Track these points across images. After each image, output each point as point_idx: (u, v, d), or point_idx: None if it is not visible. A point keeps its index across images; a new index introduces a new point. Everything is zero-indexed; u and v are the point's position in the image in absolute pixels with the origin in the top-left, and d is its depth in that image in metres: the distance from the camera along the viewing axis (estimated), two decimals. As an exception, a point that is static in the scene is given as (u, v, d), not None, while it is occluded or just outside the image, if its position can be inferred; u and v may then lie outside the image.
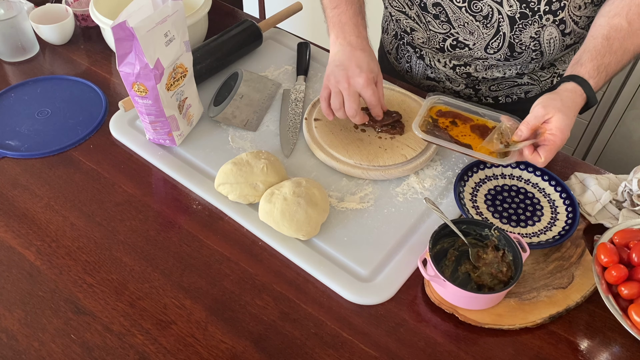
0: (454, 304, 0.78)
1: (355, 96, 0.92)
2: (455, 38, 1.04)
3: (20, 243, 0.86)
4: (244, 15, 1.39)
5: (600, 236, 0.82)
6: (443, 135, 0.92)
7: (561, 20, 0.98)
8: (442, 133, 0.93)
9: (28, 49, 1.22)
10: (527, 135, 0.84)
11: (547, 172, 0.94)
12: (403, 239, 0.87)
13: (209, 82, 1.13)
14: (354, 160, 0.96)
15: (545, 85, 1.15)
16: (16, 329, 0.76)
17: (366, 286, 0.81)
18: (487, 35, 1.01)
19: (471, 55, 1.06)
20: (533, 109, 0.84)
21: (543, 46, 1.02)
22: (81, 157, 1.00)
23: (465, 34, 1.02)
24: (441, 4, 1.00)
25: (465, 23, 1.00)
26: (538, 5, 0.94)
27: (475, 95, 1.17)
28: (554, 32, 1.00)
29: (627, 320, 0.73)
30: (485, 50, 1.03)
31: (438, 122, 0.94)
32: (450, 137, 0.92)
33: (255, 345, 0.75)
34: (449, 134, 0.93)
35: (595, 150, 2.07)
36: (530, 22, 0.97)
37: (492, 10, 0.96)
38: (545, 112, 0.82)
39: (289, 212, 0.84)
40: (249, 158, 0.92)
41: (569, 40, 1.03)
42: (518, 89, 1.15)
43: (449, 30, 1.03)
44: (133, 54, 0.85)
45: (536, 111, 0.83)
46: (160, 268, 0.83)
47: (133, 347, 0.75)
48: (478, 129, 0.93)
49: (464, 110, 0.96)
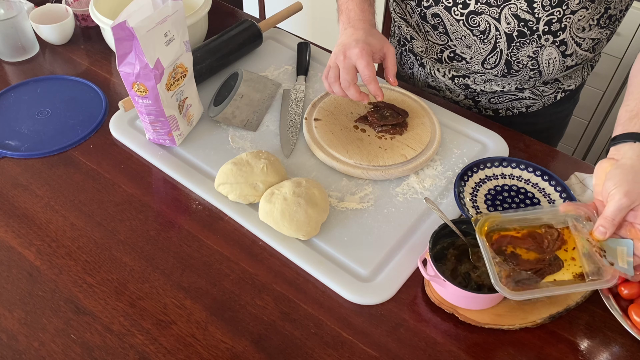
0: (454, 304, 0.78)
1: (350, 69, 0.90)
2: (453, 50, 1.03)
3: (20, 243, 0.86)
4: (244, 15, 1.39)
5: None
6: (531, 278, 0.72)
7: (562, 42, 0.96)
8: (518, 269, 0.73)
9: (28, 49, 1.22)
10: (612, 233, 0.70)
11: (547, 172, 0.94)
12: (403, 239, 0.87)
13: (209, 82, 1.13)
14: (354, 160, 0.96)
15: (548, 100, 1.12)
16: (16, 329, 0.76)
17: (366, 286, 0.81)
18: (484, 50, 1.00)
19: (468, 68, 1.05)
20: (610, 195, 0.70)
21: (542, 66, 1.00)
22: (81, 157, 1.00)
23: (462, 47, 1.01)
24: (440, 16, 0.99)
25: (462, 36, 0.99)
26: (537, 24, 0.93)
27: (475, 106, 1.16)
28: (553, 53, 0.98)
29: (627, 320, 0.73)
30: (482, 65, 1.02)
31: (504, 251, 0.75)
32: (534, 273, 0.73)
33: (255, 345, 0.75)
34: (528, 263, 0.73)
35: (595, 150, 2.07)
36: (528, 41, 0.96)
37: (490, 26, 0.96)
38: (631, 202, 0.69)
39: (289, 212, 0.84)
40: (249, 158, 0.92)
41: (570, 61, 1.01)
42: (519, 103, 1.13)
43: (446, 42, 1.03)
44: (133, 54, 0.85)
45: (617, 200, 0.69)
46: (160, 268, 0.83)
47: (133, 347, 0.75)
48: (530, 237, 0.76)
49: (512, 224, 0.78)
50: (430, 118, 1.04)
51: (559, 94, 1.12)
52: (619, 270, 0.70)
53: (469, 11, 0.96)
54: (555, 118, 1.18)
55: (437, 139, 1.00)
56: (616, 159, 0.74)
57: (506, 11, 0.93)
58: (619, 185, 0.69)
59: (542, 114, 1.15)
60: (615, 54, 1.81)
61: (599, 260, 0.71)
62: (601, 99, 1.92)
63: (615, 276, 0.70)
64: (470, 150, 1.01)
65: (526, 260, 0.74)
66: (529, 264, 0.74)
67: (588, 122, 2.01)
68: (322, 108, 1.05)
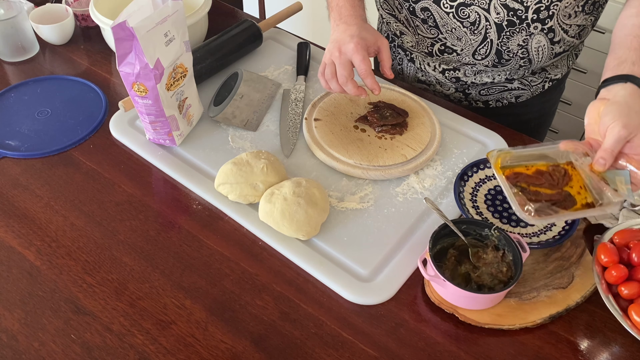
0: (454, 304, 0.78)
1: (346, 64, 0.91)
2: (443, 43, 1.04)
3: (20, 243, 0.86)
4: (244, 15, 1.39)
5: (601, 236, 0.82)
6: (550, 208, 0.77)
7: (550, 29, 0.97)
8: (540, 197, 0.78)
9: (28, 49, 1.22)
10: (611, 164, 0.74)
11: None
12: (403, 239, 0.87)
13: (209, 82, 1.13)
14: (354, 160, 0.96)
15: (536, 90, 1.14)
16: (16, 329, 0.76)
17: (366, 286, 0.81)
18: (474, 41, 1.00)
19: (459, 60, 1.06)
20: (609, 128, 0.73)
21: (531, 54, 1.02)
22: (81, 157, 1.00)
23: (453, 40, 1.02)
24: (429, 9, 1.00)
25: (452, 29, 1.00)
26: (525, 13, 0.94)
27: (465, 99, 1.17)
28: (542, 41, 0.99)
29: (627, 320, 0.73)
30: (473, 56, 1.03)
31: (523, 186, 0.79)
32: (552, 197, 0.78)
33: (255, 345, 0.75)
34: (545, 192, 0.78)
35: (595, 150, 2.06)
36: (517, 30, 0.97)
37: (480, 17, 0.96)
38: (629, 133, 0.72)
39: (289, 212, 0.84)
40: (249, 158, 0.92)
41: (559, 48, 1.03)
42: (508, 94, 1.14)
43: (437, 35, 1.03)
44: (133, 54, 0.85)
45: (616, 133, 0.72)
46: (160, 268, 0.83)
47: (133, 347, 0.75)
48: (539, 174, 0.81)
49: (522, 160, 0.82)
50: (430, 118, 1.04)
51: (547, 83, 1.14)
52: (622, 195, 0.74)
53: (459, 3, 0.97)
54: (543, 107, 1.21)
55: (437, 138, 1.00)
56: (608, 98, 0.77)
57: (495, 1, 0.94)
58: (617, 118, 0.72)
59: (531, 104, 1.17)
60: (615, 54, 1.80)
61: (604, 188, 0.75)
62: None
63: (621, 199, 0.74)
64: (470, 150, 1.01)
65: (543, 194, 0.78)
66: (545, 196, 0.78)
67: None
68: (322, 108, 1.05)
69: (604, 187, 0.75)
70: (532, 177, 0.80)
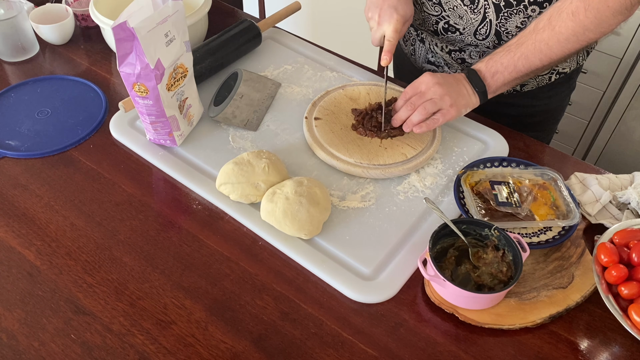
0: (454, 304, 0.78)
1: (377, 39, 0.99)
2: (447, 21, 1.05)
3: (20, 243, 0.86)
4: (243, 15, 1.39)
5: (600, 236, 0.82)
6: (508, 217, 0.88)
7: None
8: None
9: (28, 49, 1.22)
10: (402, 104, 0.96)
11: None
12: (405, 237, 0.87)
13: (209, 82, 1.13)
14: (354, 159, 0.96)
15: (542, 80, 1.13)
16: (16, 329, 0.76)
17: (369, 284, 0.81)
18: (474, 20, 1.01)
19: (462, 40, 1.07)
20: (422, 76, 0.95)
21: None
22: (81, 157, 1.00)
23: (455, 18, 1.03)
24: None
25: (454, 6, 1.02)
26: None
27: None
28: None
29: (627, 320, 0.73)
30: (474, 35, 1.04)
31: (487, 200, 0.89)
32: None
33: (255, 345, 0.75)
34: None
35: (595, 150, 2.07)
36: (515, 12, 0.98)
37: None
38: (419, 81, 0.93)
39: (291, 211, 0.84)
40: (250, 158, 0.92)
41: None
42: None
43: (440, 13, 1.04)
44: (134, 55, 0.85)
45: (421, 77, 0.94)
46: (160, 268, 0.83)
47: (133, 347, 0.75)
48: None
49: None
50: (430, 118, 1.04)
51: (553, 75, 1.13)
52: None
53: None
54: (550, 102, 1.20)
55: (437, 137, 1.00)
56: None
57: None
58: (430, 75, 0.95)
59: (536, 96, 1.17)
60: (615, 54, 1.81)
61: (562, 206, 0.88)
62: (601, 99, 1.92)
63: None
64: (471, 148, 1.01)
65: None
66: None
67: (588, 122, 2.01)
68: (322, 107, 1.05)
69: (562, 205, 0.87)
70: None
